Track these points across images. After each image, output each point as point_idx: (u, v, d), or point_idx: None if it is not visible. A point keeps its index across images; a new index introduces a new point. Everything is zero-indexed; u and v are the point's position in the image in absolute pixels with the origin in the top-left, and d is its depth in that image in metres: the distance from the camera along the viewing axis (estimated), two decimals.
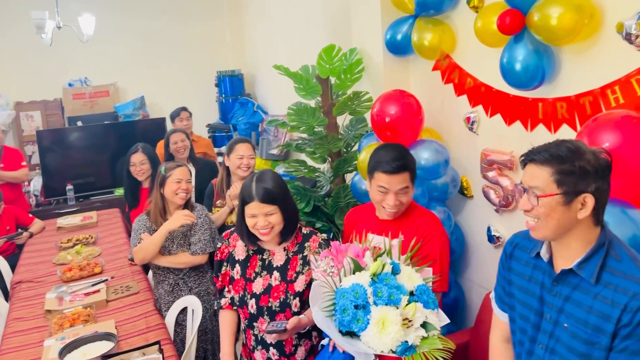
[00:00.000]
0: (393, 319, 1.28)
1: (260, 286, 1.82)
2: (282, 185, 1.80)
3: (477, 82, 2.48)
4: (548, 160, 1.20)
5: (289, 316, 1.80)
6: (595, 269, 1.19)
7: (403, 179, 1.76)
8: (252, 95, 5.97)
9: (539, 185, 1.21)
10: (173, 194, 2.42)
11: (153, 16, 5.81)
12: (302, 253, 1.83)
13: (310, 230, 1.89)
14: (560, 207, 1.20)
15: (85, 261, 2.97)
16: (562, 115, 2.03)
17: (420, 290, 1.39)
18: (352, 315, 1.31)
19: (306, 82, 2.95)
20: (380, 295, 1.32)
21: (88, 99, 5.46)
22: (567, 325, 1.23)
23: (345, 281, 1.40)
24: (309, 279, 1.80)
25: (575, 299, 1.22)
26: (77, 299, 2.47)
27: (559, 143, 1.23)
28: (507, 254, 1.45)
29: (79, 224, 3.81)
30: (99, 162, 5.15)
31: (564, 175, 1.18)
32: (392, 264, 1.42)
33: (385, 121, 2.48)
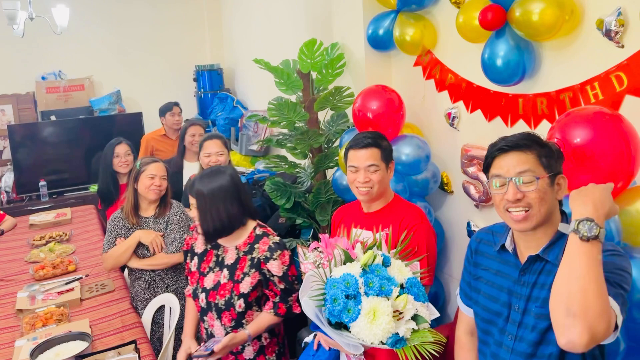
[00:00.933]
0: (384, 309, 1.27)
1: (211, 282, 1.86)
2: (213, 189, 1.80)
3: (458, 78, 2.48)
4: (529, 145, 1.22)
5: (234, 316, 1.82)
6: (560, 251, 1.21)
7: (371, 154, 1.77)
8: (232, 90, 5.90)
9: (530, 168, 1.21)
10: (146, 189, 2.38)
11: (130, 8, 5.68)
12: (251, 254, 1.82)
13: (263, 232, 1.87)
14: (549, 190, 1.22)
15: (58, 259, 2.88)
16: (542, 110, 2.04)
17: (410, 282, 1.38)
18: (342, 305, 1.30)
19: (287, 77, 2.91)
20: (371, 286, 1.31)
21: (62, 93, 5.31)
22: (533, 310, 1.25)
23: (336, 271, 1.39)
24: (254, 281, 1.81)
25: (539, 283, 1.25)
26: (50, 298, 2.39)
27: (519, 133, 1.27)
28: (473, 249, 1.46)
29: (52, 220, 3.70)
30: (74, 157, 5.02)
31: (547, 158, 1.22)
32: (383, 256, 1.41)
33: (367, 116, 2.46)
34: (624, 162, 1.39)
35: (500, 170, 1.24)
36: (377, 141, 1.80)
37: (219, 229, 1.82)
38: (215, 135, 2.84)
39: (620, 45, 1.69)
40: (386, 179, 1.83)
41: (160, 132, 4.24)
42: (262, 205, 3.90)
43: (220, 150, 2.71)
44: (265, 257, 1.80)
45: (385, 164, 1.82)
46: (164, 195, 2.45)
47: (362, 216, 1.91)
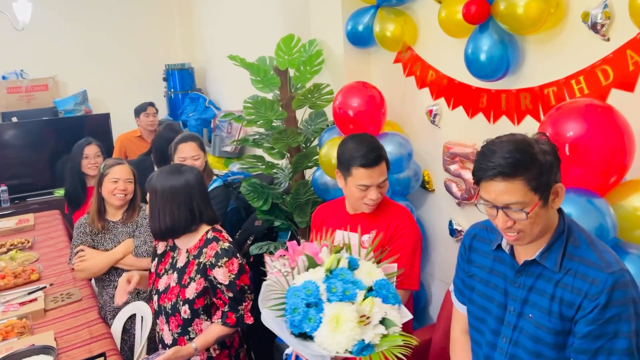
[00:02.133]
0: (348, 315, 1.19)
1: (164, 284, 1.82)
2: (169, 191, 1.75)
3: (439, 75, 2.44)
4: (515, 173, 1.12)
5: (180, 322, 1.75)
6: (558, 257, 1.17)
7: (382, 170, 1.69)
8: (204, 90, 5.75)
9: (519, 200, 1.13)
10: (110, 194, 2.25)
11: (96, 3, 5.46)
12: (199, 259, 1.75)
13: (214, 236, 1.78)
14: (542, 210, 1.16)
15: (20, 267, 2.70)
16: (525, 106, 2.02)
17: (379, 284, 1.30)
18: (303, 314, 1.22)
19: (264, 74, 2.82)
20: (334, 291, 1.24)
21: (24, 93, 5.06)
22: (531, 315, 1.21)
23: (298, 279, 1.31)
24: (200, 288, 1.74)
25: (538, 288, 1.20)
26: (11, 309, 2.22)
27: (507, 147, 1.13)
28: (466, 246, 1.41)
29: (14, 227, 3.49)
30: (37, 160, 4.78)
31: (537, 180, 1.12)
32: (349, 259, 1.34)
33: (348, 114, 2.39)
34: (617, 155, 1.36)
35: (488, 196, 1.17)
36: (381, 152, 1.70)
37: (164, 230, 1.77)
38: (190, 137, 2.64)
39: (606, 39, 1.67)
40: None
41: (135, 133, 4.09)
42: (236, 208, 3.78)
43: (196, 154, 2.55)
44: (211, 263, 1.71)
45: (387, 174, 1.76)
46: (132, 199, 2.32)
47: (347, 218, 1.83)
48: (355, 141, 1.71)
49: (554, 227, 1.20)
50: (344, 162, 1.71)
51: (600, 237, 1.30)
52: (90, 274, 2.27)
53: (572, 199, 1.37)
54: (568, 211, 1.35)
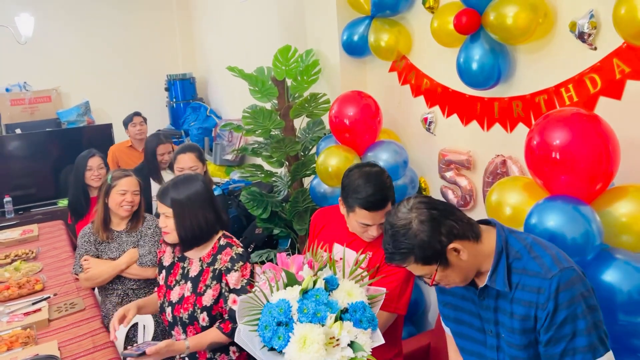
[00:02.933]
0: (315, 337, 1.24)
1: (177, 295, 1.82)
2: (191, 197, 1.77)
3: (433, 83, 2.48)
4: (404, 260, 1.21)
5: (198, 330, 1.77)
6: (504, 277, 1.20)
7: (385, 211, 1.65)
8: (205, 99, 5.81)
9: (421, 274, 1.24)
10: (117, 205, 2.29)
11: (97, 15, 5.54)
12: (214, 266, 1.78)
13: (227, 242, 1.81)
14: (448, 270, 1.21)
15: (24, 278, 2.74)
16: (517, 114, 2.05)
17: (354, 307, 1.33)
18: (272, 332, 1.28)
19: (262, 84, 2.87)
20: (305, 312, 1.28)
21: (28, 105, 5.13)
22: (503, 335, 1.25)
23: (274, 296, 1.36)
24: (216, 294, 1.76)
25: (501, 308, 1.24)
26: (16, 320, 2.26)
27: (389, 233, 1.21)
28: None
29: (18, 238, 3.53)
30: (41, 171, 4.84)
31: (423, 258, 1.19)
32: (327, 279, 1.37)
33: (344, 123, 2.43)
34: (603, 162, 1.39)
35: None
36: (387, 195, 1.66)
37: (197, 236, 1.78)
38: (189, 148, 2.67)
39: (593, 48, 1.71)
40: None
41: (126, 143, 4.14)
42: (237, 216, 3.82)
43: (195, 164, 2.57)
44: (227, 267, 1.74)
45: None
46: (137, 209, 2.36)
47: (346, 234, 1.82)
48: (363, 179, 1.65)
49: (492, 252, 1.22)
50: (347, 196, 1.68)
51: (586, 243, 1.33)
52: (95, 283, 2.31)
53: (558, 207, 1.40)
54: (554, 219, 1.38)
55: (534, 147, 1.50)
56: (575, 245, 1.35)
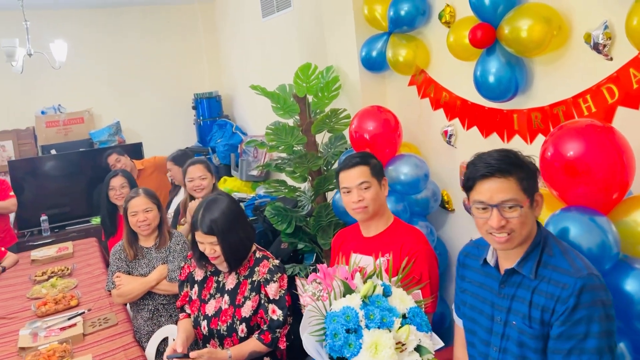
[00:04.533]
0: (386, 342, 1.24)
1: (213, 308, 1.86)
2: (226, 216, 1.81)
3: (452, 96, 2.50)
4: (510, 170, 1.22)
5: (236, 341, 1.81)
6: (534, 265, 1.25)
7: (360, 172, 1.77)
8: (230, 116, 5.95)
9: (514, 197, 1.22)
10: (134, 227, 2.38)
11: (127, 40, 5.76)
12: (252, 278, 1.83)
13: (263, 255, 1.87)
14: (529, 212, 1.25)
15: (60, 294, 2.85)
16: (537, 125, 2.05)
17: (412, 312, 1.34)
18: (343, 340, 1.27)
19: (283, 101, 2.94)
20: (372, 318, 1.28)
21: (62, 127, 5.35)
22: (515, 322, 1.27)
23: (335, 305, 1.36)
24: (255, 305, 1.80)
25: (519, 296, 1.27)
26: (53, 334, 2.36)
27: (498, 153, 1.26)
28: (460, 262, 1.50)
29: (54, 255, 3.68)
30: (75, 190, 5.03)
31: (527, 181, 1.23)
32: (384, 286, 1.38)
33: (364, 137, 2.47)
34: (618, 172, 1.39)
35: (482, 197, 1.25)
36: (365, 159, 1.80)
37: (243, 252, 1.84)
38: (198, 161, 2.91)
39: (609, 58, 1.71)
40: (380, 195, 1.81)
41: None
42: (264, 230, 3.88)
43: (203, 174, 2.79)
44: (266, 279, 1.79)
45: (377, 180, 1.80)
46: (160, 224, 2.43)
47: (361, 241, 1.89)
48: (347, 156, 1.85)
49: (532, 237, 1.28)
50: (336, 175, 1.86)
51: (602, 253, 1.34)
52: (127, 299, 2.39)
53: (575, 218, 1.40)
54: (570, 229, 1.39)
55: (548, 158, 1.51)
56: (592, 255, 1.35)
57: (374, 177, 1.79)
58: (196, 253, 1.89)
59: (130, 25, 5.76)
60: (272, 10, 4.31)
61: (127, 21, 5.73)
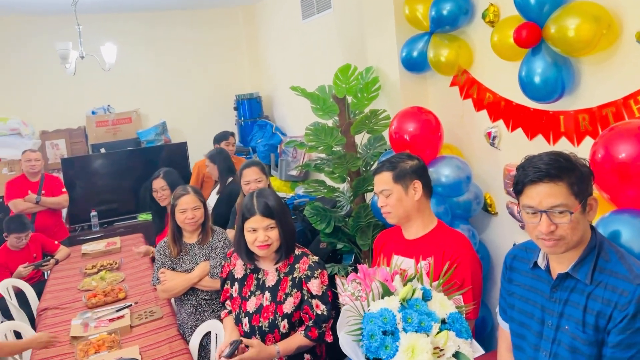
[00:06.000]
0: (423, 346, 1.23)
1: (254, 305, 1.88)
2: (281, 202, 1.86)
3: (496, 97, 2.45)
4: (560, 175, 1.20)
5: (278, 338, 1.84)
6: (589, 270, 1.22)
7: (382, 179, 1.79)
8: (271, 117, 6.04)
9: (563, 203, 1.19)
10: (181, 223, 2.46)
11: (172, 42, 5.95)
12: (292, 274, 1.85)
13: (302, 252, 1.90)
14: (581, 217, 1.21)
15: (109, 287, 2.99)
16: (584, 127, 1.99)
17: (452, 318, 1.33)
18: (380, 342, 1.26)
19: (323, 102, 2.96)
20: (410, 322, 1.27)
21: (111, 126, 5.58)
22: (567, 327, 1.25)
23: (373, 306, 1.36)
24: (297, 301, 1.82)
25: (572, 301, 1.25)
26: (102, 325, 2.48)
27: (548, 156, 1.23)
28: (507, 265, 1.47)
29: (103, 250, 3.86)
30: (123, 188, 5.23)
31: (578, 185, 1.20)
32: (423, 290, 1.37)
33: (404, 138, 2.46)
34: None
35: (532, 202, 1.23)
36: (392, 165, 1.79)
37: (294, 239, 1.89)
38: (254, 163, 2.93)
39: None
40: (405, 201, 1.78)
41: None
42: (303, 230, 3.92)
43: (259, 177, 2.82)
44: (307, 275, 1.82)
45: (400, 186, 1.77)
46: (204, 222, 2.51)
47: (403, 243, 1.88)
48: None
49: (586, 241, 1.25)
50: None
51: None
52: (171, 294, 2.48)
53: (625, 220, 1.36)
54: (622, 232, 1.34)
55: (599, 160, 1.47)
56: None
57: (397, 183, 1.77)
58: (242, 244, 1.87)
59: (175, 29, 5.94)
60: (312, 12, 4.35)
61: (172, 24, 5.91)
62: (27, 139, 4.98)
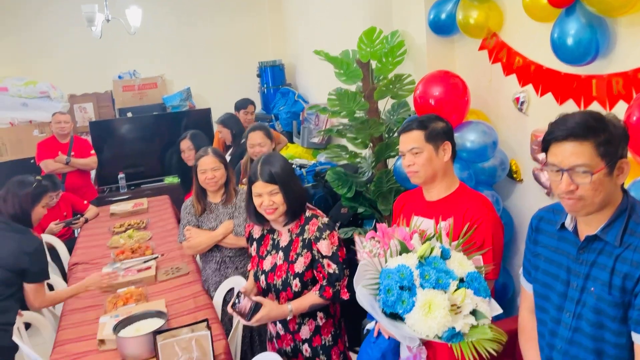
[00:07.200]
0: (440, 303, 1.23)
1: (269, 264, 1.94)
2: (286, 167, 1.88)
3: (526, 61, 2.39)
4: (586, 134, 1.17)
5: (290, 295, 1.89)
6: (619, 232, 1.20)
7: (413, 137, 1.75)
8: (293, 84, 6.01)
9: (586, 162, 1.17)
10: (203, 183, 2.50)
11: (196, 9, 5.93)
12: (303, 235, 1.88)
13: (312, 214, 1.92)
14: (606, 179, 1.19)
15: (137, 244, 3.09)
16: (618, 91, 1.93)
17: (471, 277, 1.33)
18: (396, 296, 1.27)
19: (347, 67, 2.93)
20: (427, 278, 1.27)
21: (137, 91, 5.65)
22: (593, 289, 1.24)
23: (391, 262, 1.36)
24: (307, 261, 1.86)
25: (600, 263, 1.23)
26: (130, 274, 2.58)
27: (579, 115, 1.20)
28: (533, 227, 1.46)
29: (131, 210, 3.97)
30: (149, 151, 5.33)
31: (605, 146, 1.17)
32: (442, 249, 1.37)
33: (429, 103, 2.43)
34: None
35: (555, 159, 1.22)
36: (422, 124, 1.76)
37: (300, 204, 1.91)
38: (259, 127, 3.06)
39: None
40: (435, 161, 1.76)
41: None
42: (324, 196, 3.95)
43: (262, 141, 2.96)
44: (316, 237, 1.85)
45: (432, 146, 1.76)
46: (226, 182, 2.55)
47: (423, 204, 1.88)
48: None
49: (616, 203, 1.23)
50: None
51: None
52: (196, 251, 2.55)
53: None
54: None
55: (633, 123, 1.43)
56: None
57: (428, 143, 1.76)
58: (251, 208, 1.92)
59: None
60: None
61: None
62: (56, 102, 5.08)
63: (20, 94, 4.98)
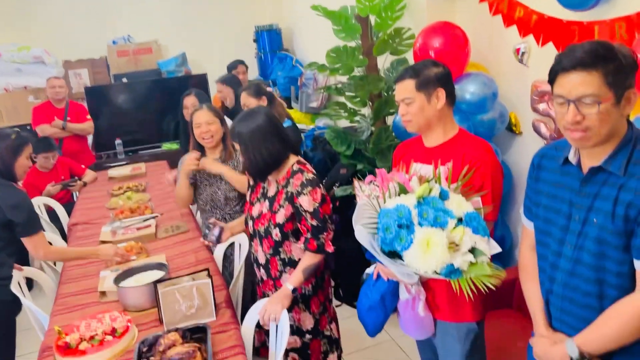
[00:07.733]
0: (438, 240, 1.24)
1: (257, 211, 2.00)
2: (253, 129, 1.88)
3: (527, 11, 2.35)
4: (595, 63, 1.14)
5: (272, 243, 1.95)
6: (623, 162, 1.19)
7: (404, 87, 1.71)
8: (291, 50, 5.92)
9: (593, 92, 1.15)
10: (198, 137, 2.46)
11: None
12: (287, 188, 1.90)
13: (299, 168, 1.91)
14: (614, 109, 1.16)
15: (136, 204, 3.08)
16: (620, 36, 1.90)
17: (469, 216, 1.32)
18: (395, 234, 1.27)
19: (345, 22, 2.88)
20: (425, 217, 1.27)
21: (132, 56, 5.55)
22: (596, 220, 1.23)
23: (389, 202, 1.35)
24: (288, 213, 1.89)
25: (603, 194, 1.22)
26: (129, 232, 2.59)
27: (588, 45, 1.17)
28: (535, 165, 1.44)
29: (129, 174, 3.95)
30: (146, 117, 5.27)
31: (614, 76, 1.14)
32: (441, 190, 1.36)
33: (429, 55, 2.40)
34: None
35: (562, 90, 1.19)
36: (415, 72, 1.71)
37: (266, 167, 1.91)
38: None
39: None
40: (427, 109, 1.72)
41: None
42: (322, 158, 3.95)
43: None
44: (297, 191, 1.86)
45: (423, 94, 1.71)
46: (223, 138, 2.50)
47: (422, 150, 1.86)
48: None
49: (621, 134, 1.21)
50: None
51: None
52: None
53: None
54: None
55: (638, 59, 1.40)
56: None
57: (419, 92, 1.71)
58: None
59: None
60: None
61: None
62: (50, 67, 5.00)
63: (14, 60, 4.91)
